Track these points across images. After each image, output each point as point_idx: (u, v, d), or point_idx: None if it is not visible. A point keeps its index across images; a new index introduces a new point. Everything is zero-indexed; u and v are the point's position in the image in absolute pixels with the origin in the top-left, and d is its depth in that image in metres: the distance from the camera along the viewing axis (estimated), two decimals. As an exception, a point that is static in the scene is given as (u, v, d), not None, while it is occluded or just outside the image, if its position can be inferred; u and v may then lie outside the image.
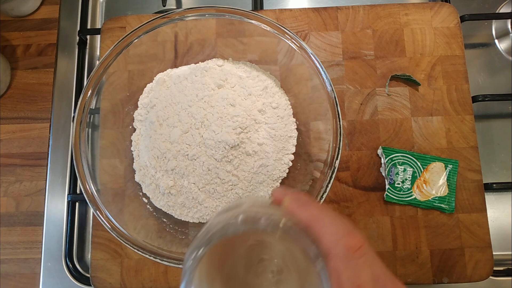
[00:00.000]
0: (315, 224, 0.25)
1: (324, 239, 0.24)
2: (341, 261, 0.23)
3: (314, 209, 0.26)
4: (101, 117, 0.48)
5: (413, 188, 0.51)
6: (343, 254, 0.23)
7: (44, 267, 0.54)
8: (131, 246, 0.41)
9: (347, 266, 0.23)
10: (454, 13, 0.56)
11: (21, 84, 0.61)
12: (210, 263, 0.26)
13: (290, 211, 0.26)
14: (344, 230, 0.24)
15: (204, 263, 0.25)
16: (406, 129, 0.53)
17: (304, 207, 0.26)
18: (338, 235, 0.24)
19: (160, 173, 0.47)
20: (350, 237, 0.24)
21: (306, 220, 0.25)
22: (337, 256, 0.23)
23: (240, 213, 0.25)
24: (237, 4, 0.64)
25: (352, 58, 0.55)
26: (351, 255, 0.23)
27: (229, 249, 0.28)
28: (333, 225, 0.25)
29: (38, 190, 0.57)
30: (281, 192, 0.28)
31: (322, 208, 0.26)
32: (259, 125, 0.47)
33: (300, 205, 0.26)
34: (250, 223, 0.24)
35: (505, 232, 0.55)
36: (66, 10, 0.63)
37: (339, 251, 0.23)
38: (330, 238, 0.24)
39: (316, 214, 0.25)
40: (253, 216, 0.25)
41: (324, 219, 0.25)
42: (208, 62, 0.52)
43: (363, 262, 0.23)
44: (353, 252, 0.23)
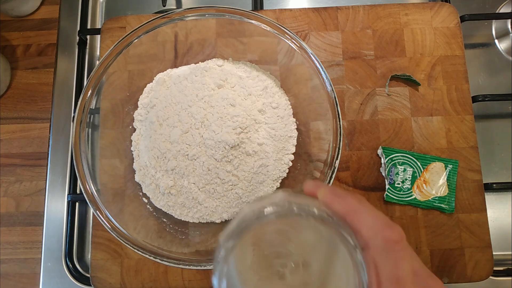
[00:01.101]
0: (353, 215, 0.25)
1: (363, 230, 0.24)
2: (380, 253, 0.23)
3: (352, 200, 0.25)
4: (101, 117, 0.48)
5: (413, 188, 0.51)
6: (383, 246, 0.23)
7: (44, 267, 0.54)
8: (131, 246, 0.41)
9: (387, 258, 0.23)
10: (454, 13, 0.56)
11: (21, 84, 0.61)
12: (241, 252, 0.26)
13: (326, 202, 0.26)
14: (383, 222, 0.24)
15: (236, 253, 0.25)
16: (406, 129, 0.53)
17: (341, 198, 0.26)
18: (377, 228, 0.24)
19: (160, 173, 0.47)
20: (390, 230, 0.24)
21: (343, 211, 0.25)
22: (376, 248, 0.23)
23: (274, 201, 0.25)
24: (237, 4, 0.64)
25: (352, 58, 0.55)
26: (391, 248, 0.23)
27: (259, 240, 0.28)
28: (372, 217, 0.24)
29: (38, 190, 0.57)
30: (314, 185, 0.28)
31: (360, 200, 0.26)
32: (259, 125, 0.47)
33: (337, 196, 0.26)
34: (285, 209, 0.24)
35: (505, 232, 0.55)
36: (66, 10, 0.63)
37: (378, 243, 0.23)
38: (369, 230, 0.24)
39: (354, 206, 0.25)
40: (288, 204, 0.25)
41: (363, 211, 0.25)
42: (208, 62, 0.52)
43: (403, 255, 0.23)
44: (393, 244, 0.23)
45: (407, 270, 0.23)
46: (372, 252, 0.23)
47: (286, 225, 0.28)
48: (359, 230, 0.24)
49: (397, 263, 0.23)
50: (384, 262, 0.23)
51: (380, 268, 0.23)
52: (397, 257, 0.23)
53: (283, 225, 0.28)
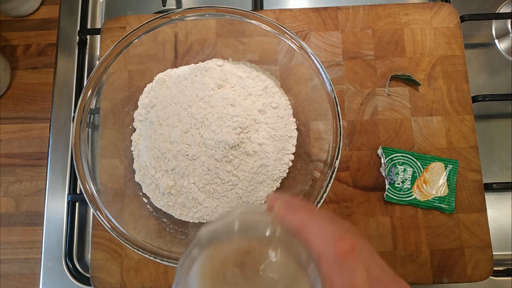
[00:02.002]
0: (305, 229, 0.24)
1: (314, 244, 0.24)
2: (332, 266, 0.23)
3: (304, 213, 0.25)
4: (101, 117, 0.48)
5: (413, 188, 0.51)
6: (335, 259, 0.23)
7: (44, 267, 0.54)
8: (131, 246, 0.41)
9: (340, 270, 0.23)
10: (454, 13, 0.56)
11: (21, 84, 0.61)
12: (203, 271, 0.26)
13: (280, 217, 0.26)
14: (335, 234, 0.24)
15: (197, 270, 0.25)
16: (406, 129, 0.53)
17: (293, 212, 0.25)
18: (328, 240, 0.23)
19: (160, 173, 0.47)
20: (341, 241, 0.23)
21: (296, 225, 0.25)
22: (328, 261, 0.23)
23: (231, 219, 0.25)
24: (237, 4, 0.64)
25: (352, 58, 0.55)
26: (343, 259, 0.23)
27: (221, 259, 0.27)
28: (322, 229, 0.24)
29: (38, 190, 0.57)
30: (274, 198, 0.27)
31: (312, 212, 0.25)
32: (259, 125, 0.47)
33: (290, 210, 0.25)
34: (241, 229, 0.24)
35: (505, 232, 0.55)
36: (66, 10, 0.63)
37: (330, 255, 0.23)
38: (320, 243, 0.23)
39: (306, 219, 0.25)
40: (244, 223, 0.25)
41: (313, 223, 0.24)
42: (208, 62, 0.52)
43: (357, 266, 0.23)
44: (345, 256, 0.23)
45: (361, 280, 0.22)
46: (324, 265, 0.23)
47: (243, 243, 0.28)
48: (311, 244, 0.24)
49: (349, 275, 0.22)
50: (337, 275, 0.23)
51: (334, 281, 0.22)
52: (350, 268, 0.23)
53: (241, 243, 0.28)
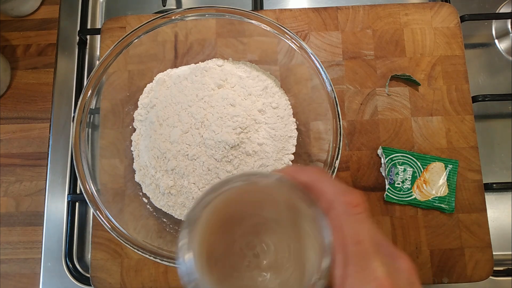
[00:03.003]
0: (315, 184, 0.25)
1: (325, 194, 0.25)
2: (342, 215, 0.24)
3: (314, 171, 0.26)
4: (101, 117, 0.48)
5: (413, 188, 0.51)
6: (343, 210, 0.24)
7: (44, 267, 0.54)
8: (131, 246, 0.41)
9: (348, 221, 0.24)
10: (454, 13, 0.56)
11: (21, 84, 0.61)
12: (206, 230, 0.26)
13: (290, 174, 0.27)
14: (344, 189, 0.25)
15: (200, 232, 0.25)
16: (406, 129, 0.53)
17: (302, 171, 0.26)
18: (338, 193, 0.24)
19: (160, 173, 0.47)
20: (350, 195, 0.24)
21: (306, 181, 0.26)
22: (338, 210, 0.24)
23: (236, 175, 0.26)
24: (237, 4, 0.64)
25: (352, 58, 0.55)
26: (351, 211, 0.24)
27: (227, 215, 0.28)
28: (332, 184, 0.25)
29: (38, 190, 0.57)
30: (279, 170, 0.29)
31: (321, 171, 0.27)
32: (259, 125, 0.47)
33: (299, 170, 0.27)
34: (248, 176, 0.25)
35: (505, 232, 0.55)
36: (66, 10, 0.63)
37: (339, 207, 0.24)
38: (330, 195, 0.24)
39: (315, 175, 0.26)
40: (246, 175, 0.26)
41: (323, 179, 0.25)
42: (208, 62, 0.52)
43: (363, 218, 0.24)
44: (353, 208, 0.24)
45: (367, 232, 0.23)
46: (333, 215, 0.24)
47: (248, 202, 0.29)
48: (321, 196, 0.25)
49: (357, 226, 0.23)
50: (346, 223, 0.24)
51: (344, 228, 0.23)
52: (357, 220, 0.24)
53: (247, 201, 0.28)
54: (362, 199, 0.24)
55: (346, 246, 0.23)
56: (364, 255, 0.23)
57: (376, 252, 0.23)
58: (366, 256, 0.23)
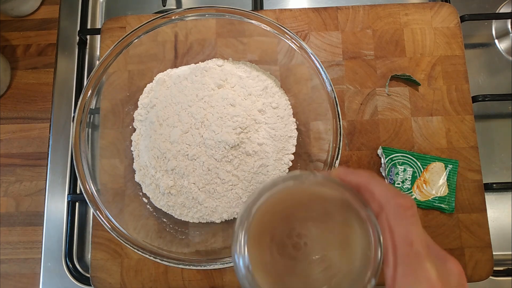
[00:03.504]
0: (366, 185, 0.26)
1: (377, 196, 0.25)
2: (393, 218, 0.24)
3: (364, 174, 0.27)
4: (101, 117, 0.48)
5: (413, 188, 0.51)
6: (395, 212, 0.24)
7: (44, 267, 0.54)
8: (131, 246, 0.41)
9: (400, 223, 0.24)
10: (454, 13, 0.56)
11: (21, 84, 0.61)
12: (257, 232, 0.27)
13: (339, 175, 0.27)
14: (395, 191, 0.25)
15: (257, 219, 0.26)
16: (406, 129, 0.53)
17: (353, 173, 0.27)
18: (390, 195, 0.25)
19: (160, 173, 0.47)
20: (401, 197, 0.25)
21: (356, 183, 0.26)
22: (389, 213, 0.24)
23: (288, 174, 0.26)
24: (237, 4, 0.64)
25: (352, 58, 0.55)
26: (403, 213, 0.24)
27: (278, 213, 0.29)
28: (383, 186, 0.25)
29: (38, 190, 0.57)
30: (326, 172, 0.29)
31: (372, 173, 0.27)
32: (259, 125, 0.47)
33: (349, 172, 0.27)
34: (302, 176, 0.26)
35: (505, 232, 0.55)
36: (66, 10, 0.63)
37: (391, 208, 0.24)
38: (382, 197, 0.25)
39: (366, 177, 0.26)
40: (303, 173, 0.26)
41: (374, 181, 0.26)
42: (208, 62, 0.52)
43: (415, 221, 0.24)
44: (405, 210, 0.24)
45: (419, 234, 0.24)
46: (385, 216, 0.24)
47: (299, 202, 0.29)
48: (372, 196, 0.25)
49: (409, 228, 0.24)
50: (397, 225, 0.24)
51: (394, 232, 0.24)
52: (409, 222, 0.24)
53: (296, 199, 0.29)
54: (413, 203, 0.25)
55: (397, 247, 0.23)
56: (415, 256, 0.23)
57: (427, 254, 0.23)
58: (418, 257, 0.23)
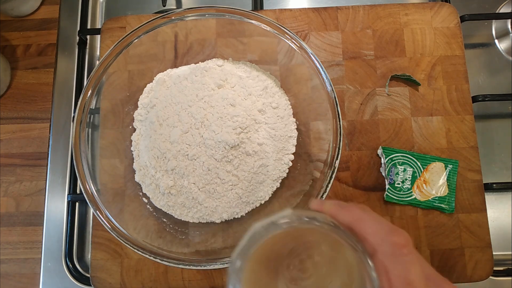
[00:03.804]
0: (359, 223, 0.25)
1: (370, 237, 0.24)
2: (389, 258, 0.24)
3: (356, 210, 0.26)
4: (101, 117, 0.48)
5: (413, 188, 0.51)
6: (390, 251, 0.24)
7: (44, 267, 0.54)
8: (131, 246, 0.41)
9: (396, 263, 0.23)
10: (454, 13, 0.56)
11: (21, 84, 0.61)
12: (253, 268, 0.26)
13: (332, 213, 0.26)
14: (389, 228, 0.25)
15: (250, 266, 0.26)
16: (406, 129, 0.53)
17: (345, 209, 0.26)
18: (383, 233, 0.24)
19: (160, 173, 0.47)
20: (396, 235, 0.24)
21: (349, 221, 0.26)
22: (384, 253, 0.24)
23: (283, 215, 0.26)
24: (237, 4, 0.64)
25: (352, 58, 0.55)
26: (399, 252, 0.24)
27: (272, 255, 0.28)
28: (376, 223, 0.25)
29: (38, 190, 0.57)
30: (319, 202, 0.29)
31: (364, 209, 0.26)
32: (259, 125, 0.47)
33: (341, 208, 0.26)
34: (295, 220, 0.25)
35: (505, 232, 0.55)
36: (66, 10, 0.63)
37: (386, 248, 0.24)
38: (376, 236, 0.24)
39: (359, 214, 0.26)
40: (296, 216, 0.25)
41: (367, 218, 0.25)
42: (208, 62, 0.52)
43: (412, 259, 0.24)
44: (400, 249, 0.24)
45: (418, 273, 0.23)
46: (380, 257, 0.24)
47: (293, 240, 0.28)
48: (366, 237, 0.25)
49: (407, 267, 0.23)
50: (394, 266, 0.23)
51: (391, 273, 0.23)
52: (406, 261, 0.24)
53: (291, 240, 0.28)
54: (408, 239, 0.24)
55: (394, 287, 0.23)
56: None
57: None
58: None
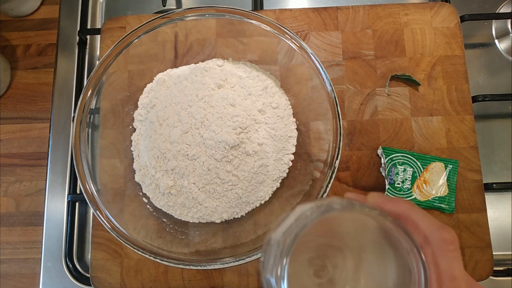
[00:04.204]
0: (408, 216, 0.26)
1: (421, 228, 0.25)
2: (438, 250, 0.24)
3: (405, 203, 0.26)
4: (101, 117, 0.48)
5: (413, 188, 0.51)
6: (439, 245, 0.24)
7: (44, 267, 0.54)
8: (131, 246, 0.41)
9: (444, 257, 0.24)
10: (454, 13, 0.56)
11: (21, 84, 0.61)
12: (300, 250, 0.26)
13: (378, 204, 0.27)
14: (438, 224, 0.25)
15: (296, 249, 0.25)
16: (406, 129, 0.53)
17: (393, 202, 0.27)
18: (433, 228, 0.25)
19: (160, 173, 0.47)
20: (445, 231, 0.25)
21: (397, 212, 0.26)
22: (434, 245, 0.24)
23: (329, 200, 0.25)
24: (237, 4, 0.64)
25: (352, 58, 0.55)
26: (446, 247, 0.24)
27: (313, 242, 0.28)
28: (427, 218, 0.25)
29: (38, 190, 0.57)
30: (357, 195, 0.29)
31: (412, 203, 0.27)
32: (259, 125, 0.47)
33: (389, 200, 0.27)
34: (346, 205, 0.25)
35: (505, 232, 0.55)
36: (66, 10, 0.63)
37: (436, 241, 0.24)
38: (427, 228, 0.25)
39: (408, 207, 0.26)
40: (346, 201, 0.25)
41: (417, 212, 0.26)
42: (208, 62, 0.52)
43: (458, 255, 0.24)
44: (448, 244, 0.24)
45: (461, 269, 0.24)
46: (431, 248, 0.25)
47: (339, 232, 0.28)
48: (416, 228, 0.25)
49: (452, 263, 0.24)
50: (441, 259, 0.24)
51: (440, 266, 0.24)
52: (452, 256, 0.24)
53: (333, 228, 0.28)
54: (456, 236, 0.25)
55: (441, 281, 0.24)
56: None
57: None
58: None
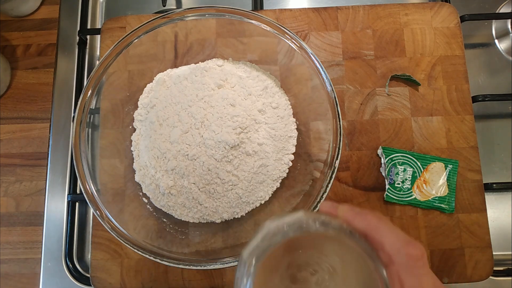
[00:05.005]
0: (375, 232, 0.25)
1: (386, 247, 0.24)
2: (404, 269, 0.24)
3: (373, 218, 0.26)
4: (101, 117, 0.48)
5: (413, 188, 0.51)
6: (405, 263, 0.24)
7: (44, 267, 0.54)
8: (131, 246, 0.41)
9: (410, 274, 0.24)
10: (454, 13, 0.56)
11: (21, 84, 0.61)
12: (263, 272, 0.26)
13: (347, 219, 0.26)
14: (405, 239, 0.24)
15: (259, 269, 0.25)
16: (406, 129, 0.53)
17: (361, 216, 0.26)
18: (399, 244, 0.24)
19: (160, 173, 0.47)
20: (412, 247, 0.24)
21: (364, 228, 0.25)
22: (400, 263, 0.24)
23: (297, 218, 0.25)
24: (237, 4, 0.64)
25: (352, 58, 0.55)
26: (413, 264, 0.24)
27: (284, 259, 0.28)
28: (393, 234, 0.25)
29: (38, 190, 0.57)
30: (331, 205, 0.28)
31: (380, 217, 0.26)
32: (259, 125, 0.47)
33: (357, 214, 0.26)
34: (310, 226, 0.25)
35: (505, 232, 0.55)
36: (66, 10, 0.63)
37: (401, 259, 0.24)
38: (392, 246, 0.24)
39: (375, 223, 0.25)
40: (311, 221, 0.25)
41: (383, 228, 0.25)
42: (208, 62, 0.52)
43: (426, 272, 0.24)
44: (415, 261, 0.24)
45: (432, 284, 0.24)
46: (396, 268, 0.24)
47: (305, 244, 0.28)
48: (382, 246, 0.25)
49: (420, 279, 0.24)
50: (408, 278, 0.24)
51: (405, 284, 0.24)
52: (420, 273, 0.24)
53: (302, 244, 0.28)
54: (424, 251, 0.24)
55: None
56: None
57: None
58: None
